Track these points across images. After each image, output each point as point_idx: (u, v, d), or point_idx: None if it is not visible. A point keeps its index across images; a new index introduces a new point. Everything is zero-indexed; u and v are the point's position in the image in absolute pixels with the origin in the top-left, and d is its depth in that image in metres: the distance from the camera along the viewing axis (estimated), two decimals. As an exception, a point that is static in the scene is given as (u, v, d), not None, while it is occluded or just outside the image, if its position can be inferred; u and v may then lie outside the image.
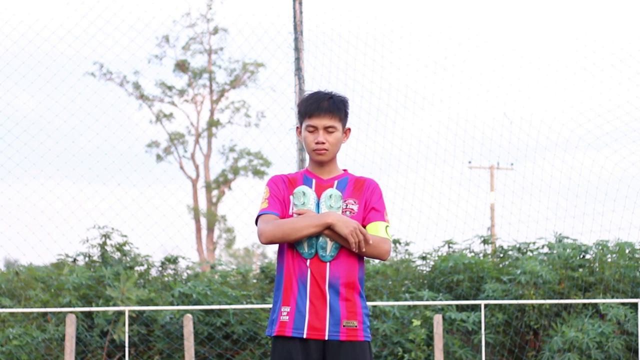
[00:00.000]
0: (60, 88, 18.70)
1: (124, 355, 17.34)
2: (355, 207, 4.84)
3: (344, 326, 4.72)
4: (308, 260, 4.72)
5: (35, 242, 18.05)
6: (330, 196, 4.77)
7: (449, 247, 19.95)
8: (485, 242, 20.19)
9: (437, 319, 16.78)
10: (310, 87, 16.86)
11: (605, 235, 19.01)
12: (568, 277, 18.19)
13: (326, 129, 4.84)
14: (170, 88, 48.58)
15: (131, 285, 17.78)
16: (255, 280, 19.76)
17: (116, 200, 19.40)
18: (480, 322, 17.51)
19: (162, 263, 19.63)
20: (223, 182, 49.73)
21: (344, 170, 5.04)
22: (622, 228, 18.67)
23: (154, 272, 19.72)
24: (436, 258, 19.56)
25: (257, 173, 49.28)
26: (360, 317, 4.80)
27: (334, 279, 4.70)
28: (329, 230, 4.66)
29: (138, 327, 17.47)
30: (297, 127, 5.01)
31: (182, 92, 48.92)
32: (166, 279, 19.58)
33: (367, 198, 4.88)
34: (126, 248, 19.15)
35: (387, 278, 19.04)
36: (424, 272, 19.78)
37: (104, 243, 18.94)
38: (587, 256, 18.71)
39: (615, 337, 17.10)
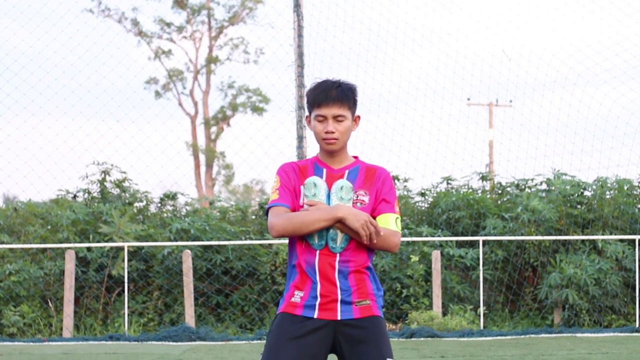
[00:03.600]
0: (58, 24, 18.57)
1: (123, 291, 17.41)
2: (366, 199, 4.81)
3: (355, 305, 4.72)
4: (318, 252, 4.71)
5: (34, 178, 18.05)
6: (342, 188, 4.73)
7: (448, 183, 19.96)
8: (483, 178, 20.20)
9: (436, 255, 16.84)
10: (308, 24, 16.75)
11: (603, 173, 19.02)
12: (567, 214, 18.22)
13: (335, 118, 4.78)
14: (168, 25, 48.27)
15: (129, 221, 17.81)
16: (254, 217, 19.79)
17: (115, 136, 19.37)
18: (478, 258, 17.57)
19: (161, 199, 19.64)
20: (222, 118, 49.60)
21: (355, 157, 4.99)
22: (621, 165, 18.66)
23: (153, 209, 19.75)
24: (435, 194, 19.58)
25: (256, 110, 49.12)
26: (372, 296, 4.80)
27: (344, 267, 4.70)
28: (340, 223, 4.66)
29: (137, 263, 17.52)
30: (307, 117, 4.95)
31: (180, 29, 48.62)
32: (165, 215, 19.61)
33: (378, 188, 4.83)
34: (125, 184, 19.16)
35: (385, 214, 19.02)
36: (423, 208, 19.81)
37: (104, 179, 18.94)
38: (586, 193, 18.73)
39: (613, 273, 17.17)
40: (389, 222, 4.82)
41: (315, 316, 4.70)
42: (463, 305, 17.34)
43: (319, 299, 4.70)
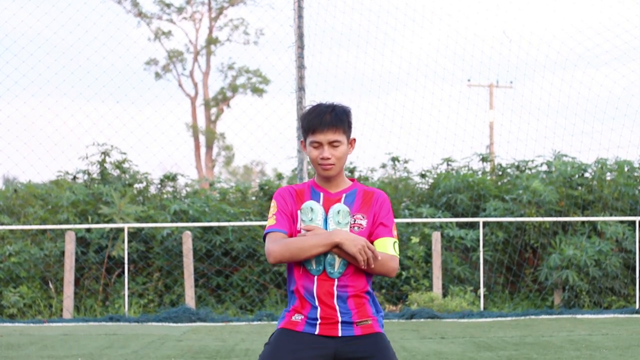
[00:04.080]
0: (58, 5, 18.51)
1: (123, 272, 17.41)
2: (363, 222, 4.77)
3: (357, 325, 4.70)
4: (316, 277, 4.69)
5: (34, 159, 18.01)
6: (338, 212, 4.69)
7: (448, 164, 19.94)
8: (484, 160, 20.18)
9: (436, 236, 16.84)
10: (309, 4, 16.69)
11: (603, 154, 19.00)
12: (567, 195, 18.20)
13: (331, 143, 4.72)
14: (168, 5, 48.20)
15: (129, 202, 17.80)
16: (254, 198, 19.78)
17: (115, 117, 19.33)
18: (478, 239, 17.57)
19: (161, 180, 19.62)
20: (222, 99, 49.57)
21: (352, 180, 4.95)
22: (621, 146, 18.68)
23: (152, 190, 19.73)
24: (435, 176, 19.57)
25: (256, 91, 49.09)
26: (373, 316, 4.78)
27: (343, 292, 4.68)
28: (337, 248, 4.64)
29: (137, 244, 17.52)
30: (302, 142, 4.92)
31: (180, 10, 48.54)
32: (165, 196, 19.60)
33: (375, 212, 4.79)
34: (125, 165, 19.13)
35: (386, 196, 19.03)
36: (423, 189, 19.80)
37: (103, 160, 18.92)
38: (586, 175, 18.71)
39: (613, 254, 17.17)
40: (387, 247, 4.79)
41: (316, 333, 4.68)
42: (463, 286, 17.35)
43: (319, 320, 4.69)
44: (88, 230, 17.42)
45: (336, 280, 4.70)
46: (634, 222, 17.42)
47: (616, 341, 10.97)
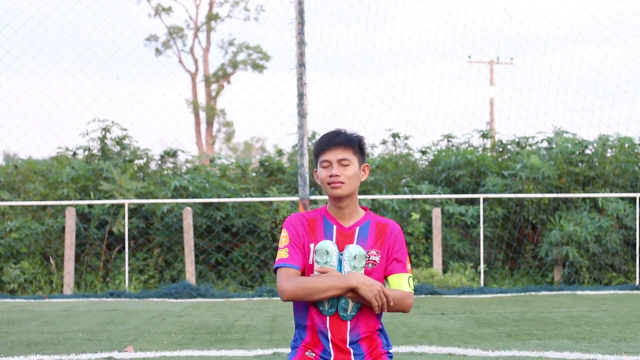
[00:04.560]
0: (57, -19, 18.44)
1: (123, 248, 17.43)
2: (377, 258, 4.72)
3: (369, 356, 4.72)
4: (327, 318, 4.68)
5: (34, 135, 18.04)
6: (355, 257, 4.64)
7: (448, 141, 19.91)
8: (484, 136, 20.15)
9: (436, 213, 16.84)
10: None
11: (604, 131, 18.99)
12: (568, 172, 18.19)
13: (340, 161, 4.68)
14: (168, -19, 48.16)
15: (130, 178, 17.80)
16: (254, 174, 19.77)
17: (115, 93, 19.28)
18: (479, 216, 17.57)
19: (162, 156, 19.60)
20: (222, 76, 49.50)
21: (364, 209, 4.90)
22: (622, 123, 18.66)
23: (153, 166, 19.71)
24: (435, 152, 19.55)
25: (256, 67, 49.02)
26: (383, 350, 4.79)
27: (355, 335, 4.68)
28: (352, 292, 4.61)
29: (137, 220, 17.53)
30: (315, 171, 4.84)
31: (180, -15, 48.45)
32: (165, 172, 19.58)
33: (389, 247, 4.74)
34: (126, 142, 19.11)
35: (386, 172, 19.04)
36: (423, 166, 19.78)
37: (104, 136, 18.90)
38: (587, 151, 18.69)
39: (614, 231, 17.18)
40: (402, 283, 4.77)
41: None
42: (463, 262, 17.37)
43: (332, 356, 4.70)
44: (89, 206, 17.42)
45: (349, 322, 4.70)
46: (634, 199, 17.42)
47: (616, 317, 10.99)
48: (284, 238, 4.78)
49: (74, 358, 7.53)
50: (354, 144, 4.74)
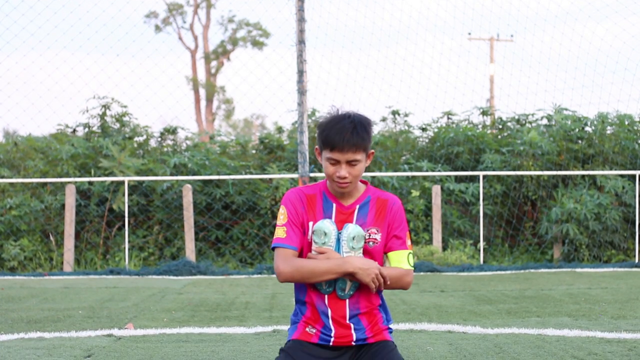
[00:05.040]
0: (56, -44, 18.37)
1: (123, 225, 17.43)
2: (378, 236, 4.66)
3: (369, 338, 4.69)
4: (326, 297, 4.66)
5: (34, 113, 17.96)
6: (353, 238, 4.58)
7: (448, 118, 19.90)
8: (484, 113, 20.13)
9: (436, 190, 16.84)
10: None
11: (604, 108, 18.98)
12: (567, 149, 18.18)
13: (349, 162, 4.56)
14: (168, -43, 47.95)
15: (129, 155, 17.79)
16: (254, 151, 19.76)
17: (115, 71, 19.24)
18: (478, 193, 17.57)
19: (161, 134, 19.59)
20: (222, 53, 49.43)
21: (365, 183, 4.84)
22: (622, 100, 18.66)
23: (153, 143, 19.70)
24: (435, 129, 19.53)
25: (256, 44, 48.94)
26: (383, 326, 4.77)
27: (355, 310, 4.66)
28: (350, 275, 4.58)
29: (137, 197, 17.53)
30: (316, 148, 4.72)
31: (180, -38, 48.30)
32: (165, 149, 19.57)
33: (389, 223, 4.67)
34: (125, 119, 19.09)
35: (386, 149, 19.03)
36: (423, 143, 19.77)
37: (104, 114, 18.88)
38: (587, 128, 18.68)
39: (613, 208, 17.18)
40: (402, 260, 4.73)
41: (331, 344, 4.69)
42: (463, 240, 17.38)
43: (333, 339, 4.69)
44: (89, 183, 17.42)
45: (347, 300, 4.69)
46: (634, 176, 17.41)
47: (615, 295, 11.01)
48: (282, 216, 4.74)
49: (74, 335, 7.54)
50: (365, 141, 4.59)
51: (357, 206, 4.74)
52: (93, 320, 8.76)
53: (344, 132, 4.54)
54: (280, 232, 4.71)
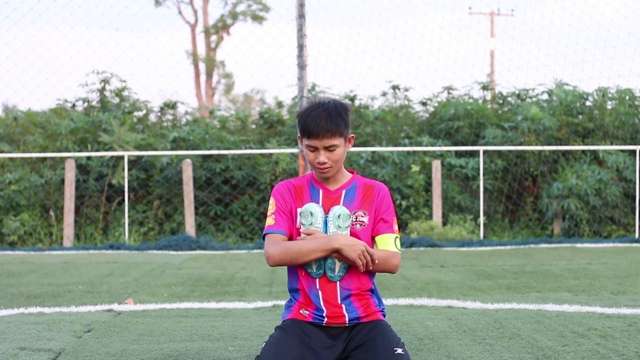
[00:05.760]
0: None
1: (123, 200, 17.43)
2: (365, 219, 4.75)
3: (362, 318, 4.73)
4: (317, 281, 4.71)
5: (33, 87, 17.98)
6: (339, 216, 4.65)
7: (449, 93, 19.86)
8: (484, 88, 20.09)
9: (436, 165, 16.81)
10: None
11: (604, 83, 18.92)
12: (568, 123, 18.16)
13: (326, 148, 4.69)
14: None
15: (129, 130, 17.76)
16: (254, 126, 19.73)
17: (115, 45, 19.22)
18: (479, 168, 17.55)
19: (161, 108, 19.56)
20: (222, 27, 49.26)
21: (351, 172, 4.97)
22: (622, 75, 18.64)
23: (152, 118, 19.68)
24: (436, 104, 19.49)
25: (256, 18, 48.77)
26: (376, 309, 4.82)
27: (346, 292, 4.71)
28: (337, 253, 4.63)
29: (137, 172, 17.51)
30: (299, 137, 4.81)
31: None
32: (165, 124, 19.55)
33: (376, 207, 4.76)
34: (125, 93, 19.06)
35: (386, 124, 19.00)
36: (423, 118, 19.73)
37: (103, 88, 18.84)
38: (587, 103, 18.65)
39: (614, 183, 17.17)
40: (388, 243, 4.81)
41: (324, 323, 4.72)
42: (463, 215, 17.37)
43: (326, 319, 4.73)
44: (88, 158, 17.40)
45: (338, 282, 4.73)
46: (634, 151, 17.39)
47: (615, 270, 11.01)
48: (271, 206, 4.86)
49: (74, 310, 7.54)
50: (340, 126, 4.71)
51: (344, 190, 4.85)
52: (93, 295, 8.76)
53: (318, 120, 4.67)
54: (269, 221, 4.83)
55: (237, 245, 15.93)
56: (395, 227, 4.85)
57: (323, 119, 4.67)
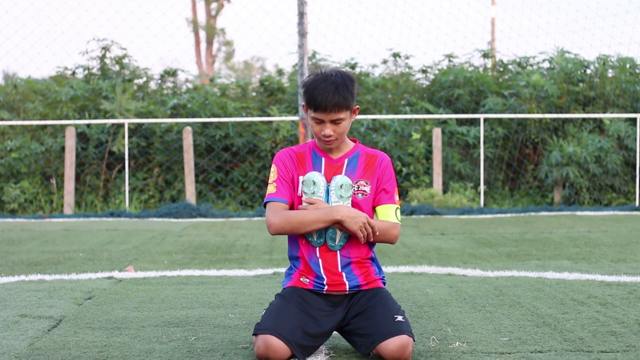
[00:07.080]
0: None
1: (123, 168, 17.42)
2: (367, 189, 4.73)
3: (362, 286, 4.73)
4: (317, 249, 4.70)
5: (33, 54, 17.95)
6: (341, 186, 4.63)
7: (449, 60, 19.81)
8: (485, 56, 20.04)
9: (436, 133, 16.80)
10: None
11: (605, 51, 18.87)
12: (569, 91, 18.13)
13: (333, 121, 4.66)
14: None
15: (129, 98, 17.74)
16: (254, 94, 19.70)
17: (115, 12, 19.16)
18: (479, 136, 17.54)
19: (161, 76, 19.53)
20: (222, -6, 49.09)
21: (354, 141, 4.94)
22: (623, 43, 18.59)
23: (153, 85, 19.65)
24: (436, 72, 19.45)
25: (257, -15, 48.57)
26: (376, 277, 4.81)
27: (346, 260, 4.70)
28: (338, 224, 4.61)
29: (137, 140, 17.50)
30: (303, 105, 4.79)
31: None
32: (165, 92, 19.52)
33: (378, 177, 4.74)
34: (125, 61, 19.01)
35: (386, 92, 18.96)
36: (424, 85, 19.70)
37: (104, 56, 18.80)
38: (588, 71, 18.61)
39: (614, 151, 17.16)
40: (389, 214, 4.80)
41: (324, 291, 4.72)
42: (463, 183, 17.37)
43: (326, 287, 4.72)
44: (88, 125, 17.38)
45: (338, 251, 4.73)
46: (634, 119, 17.37)
47: (615, 238, 11.02)
48: (272, 173, 4.84)
49: (75, 277, 7.56)
50: (347, 100, 4.68)
51: (346, 159, 4.82)
52: (93, 263, 8.78)
53: (326, 94, 4.63)
54: (270, 189, 4.81)
55: (238, 213, 15.94)
56: (396, 198, 4.84)
57: (331, 93, 4.63)
